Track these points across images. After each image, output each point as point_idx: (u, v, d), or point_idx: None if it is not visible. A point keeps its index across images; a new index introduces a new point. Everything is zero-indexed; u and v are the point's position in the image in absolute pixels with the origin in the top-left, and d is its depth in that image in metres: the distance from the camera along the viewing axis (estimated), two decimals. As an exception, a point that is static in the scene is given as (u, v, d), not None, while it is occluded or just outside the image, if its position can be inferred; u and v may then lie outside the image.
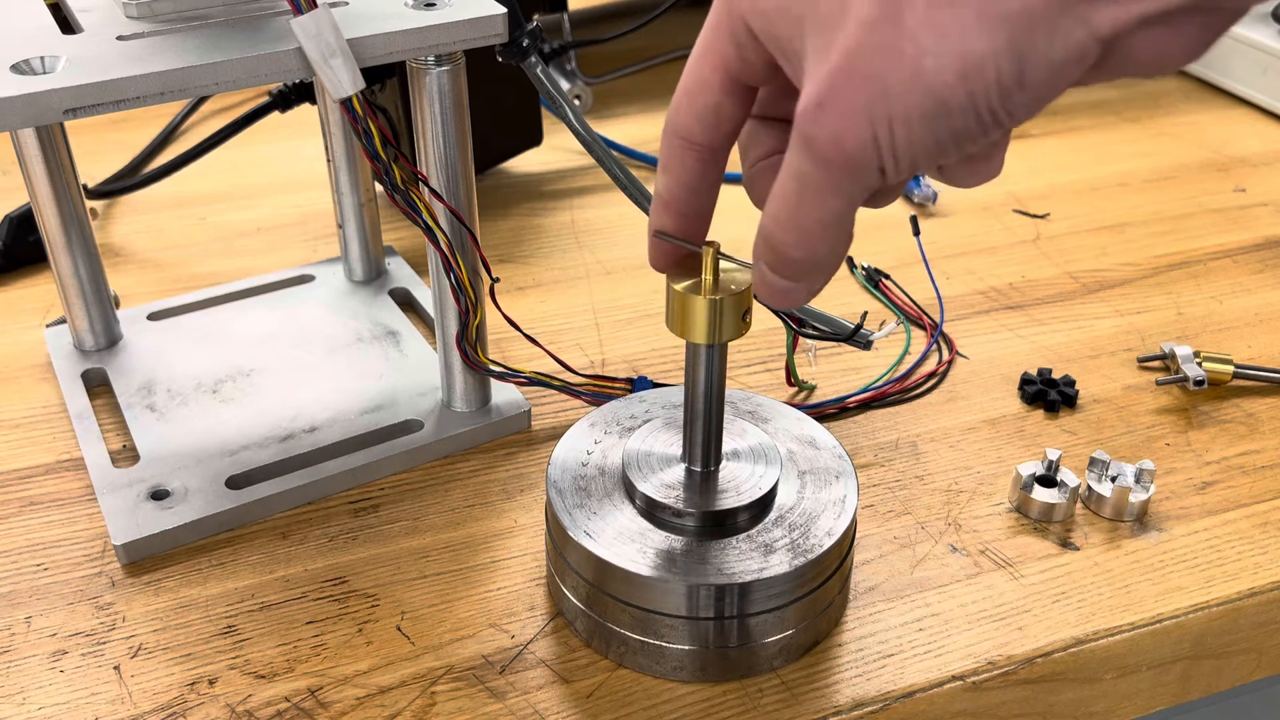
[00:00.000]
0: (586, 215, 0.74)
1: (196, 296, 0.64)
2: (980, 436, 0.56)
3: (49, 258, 0.57)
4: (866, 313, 0.57)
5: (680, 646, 0.43)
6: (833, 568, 0.44)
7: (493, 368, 0.54)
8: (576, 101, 0.83)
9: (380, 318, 0.62)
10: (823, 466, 0.46)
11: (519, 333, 0.55)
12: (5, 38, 0.43)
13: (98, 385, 0.58)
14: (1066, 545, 0.50)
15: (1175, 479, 0.53)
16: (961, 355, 0.61)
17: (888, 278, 0.66)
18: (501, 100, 0.73)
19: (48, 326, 0.61)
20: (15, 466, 0.54)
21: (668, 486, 0.44)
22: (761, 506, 0.44)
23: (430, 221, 0.48)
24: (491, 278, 0.52)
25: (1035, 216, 0.74)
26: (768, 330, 0.62)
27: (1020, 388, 0.58)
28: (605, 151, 0.56)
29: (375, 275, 0.66)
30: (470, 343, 0.53)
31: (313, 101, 0.72)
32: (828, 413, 0.57)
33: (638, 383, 0.56)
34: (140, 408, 0.56)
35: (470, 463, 0.54)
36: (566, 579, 0.45)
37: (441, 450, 0.54)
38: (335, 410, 0.56)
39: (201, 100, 0.85)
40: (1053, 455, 0.51)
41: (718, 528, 0.43)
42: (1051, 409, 0.57)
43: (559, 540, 0.45)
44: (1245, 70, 0.89)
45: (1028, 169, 0.80)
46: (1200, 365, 0.58)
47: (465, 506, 0.52)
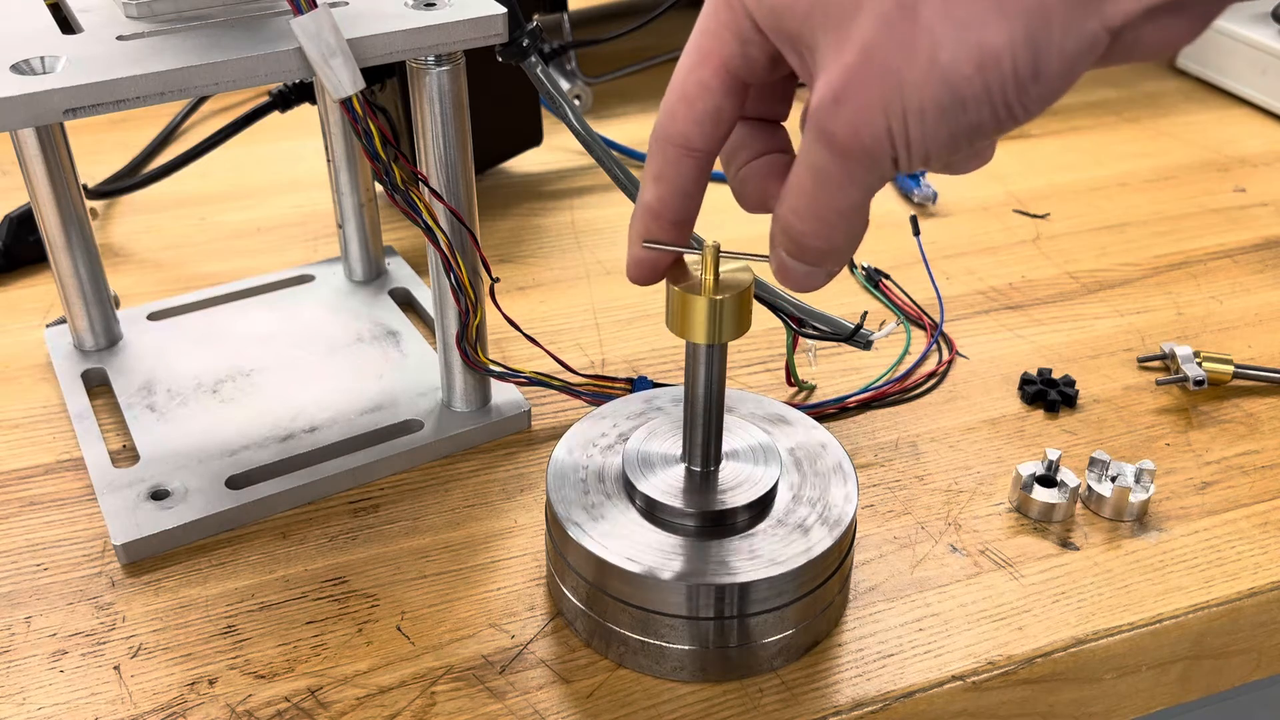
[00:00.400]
0: (586, 215, 0.74)
1: (196, 296, 0.64)
2: (980, 436, 0.56)
3: (49, 258, 0.57)
4: (866, 313, 0.57)
5: (680, 646, 0.43)
6: (833, 568, 0.44)
7: (493, 368, 0.54)
8: (576, 101, 0.83)
9: (380, 318, 0.62)
10: (823, 466, 0.46)
11: (519, 333, 0.55)
12: (5, 38, 0.43)
13: (98, 385, 0.58)
14: (1066, 545, 0.50)
15: (1175, 479, 0.53)
16: (961, 355, 0.61)
17: (888, 278, 0.66)
18: (501, 100, 0.73)
19: (48, 326, 0.61)
20: (15, 466, 0.54)
21: (668, 486, 0.44)
22: (761, 506, 0.44)
23: (430, 221, 0.48)
24: (491, 278, 0.52)
25: (1035, 216, 0.74)
26: (768, 330, 0.62)
27: (1020, 388, 0.58)
28: (605, 151, 0.56)
29: (375, 275, 0.66)
30: (470, 343, 0.53)
31: (313, 101, 0.72)
32: (828, 413, 0.57)
33: (638, 383, 0.56)
34: (140, 408, 0.56)
35: (470, 463, 0.54)
36: (566, 579, 0.45)
37: (441, 450, 0.54)
38: (335, 410, 0.56)
39: (201, 100, 0.85)
40: (1053, 455, 0.51)
41: (718, 528, 0.43)
42: (1051, 409, 0.57)
43: (559, 540, 0.45)
44: (1245, 70, 0.89)
45: (1028, 169, 0.80)
46: (1200, 365, 0.58)
47: (465, 506, 0.52)
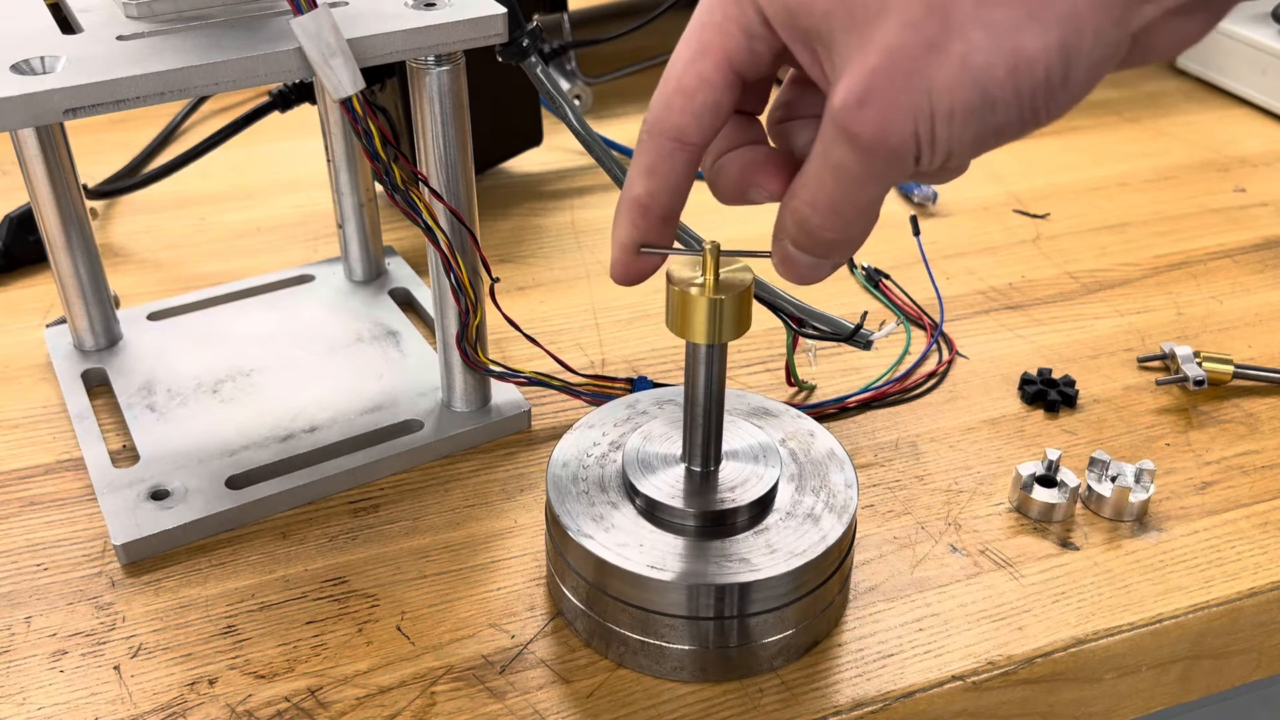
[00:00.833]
0: (586, 215, 0.74)
1: (196, 296, 0.64)
2: (980, 436, 0.56)
3: (49, 258, 0.57)
4: (866, 313, 0.57)
5: (680, 646, 0.43)
6: (833, 568, 0.44)
7: (493, 368, 0.54)
8: (576, 101, 0.83)
9: (380, 318, 0.62)
10: (822, 467, 0.46)
11: (519, 333, 0.55)
12: (5, 38, 0.43)
13: (98, 385, 0.58)
14: (1066, 545, 0.50)
15: (1175, 479, 0.53)
16: (961, 355, 0.61)
17: (888, 278, 0.66)
18: (501, 100, 0.73)
19: (48, 326, 0.61)
20: (15, 466, 0.54)
21: (668, 486, 0.44)
22: (761, 506, 0.44)
23: (430, 221, 0.48)
24: (491, 278, 0.52)
25: (1035, 216, 0.74)
26: (768, 330, 0.62)
27: (1020, 388, 0.58)
28: (605, 151, 0.56)
29: (375, 275, 0.66)
30: (470, 343, 0.53)
31: (313, 101, 0.72)
32: (828, 413, 0.57)
33: (638, 383, 0.56)
34: (140, 408, 0.56)
35: (470, 463, 0.54)
36: (566, 579, 0.45)
37: (441, 450, 0.54)
38: (335, 410, 0.56)
39: (201, 100, 0.85)
40: (1053, 455, 0.51)
41: (718, 528, 0.43)
42: (1051, 409, 0.57)
43: (559, 540, 0.45)
44: (1245, 70, 0.89)
45: (1028, 169, 0.80)
46: (1200, 365, 0.58)
47: (465, 506, 0.52)
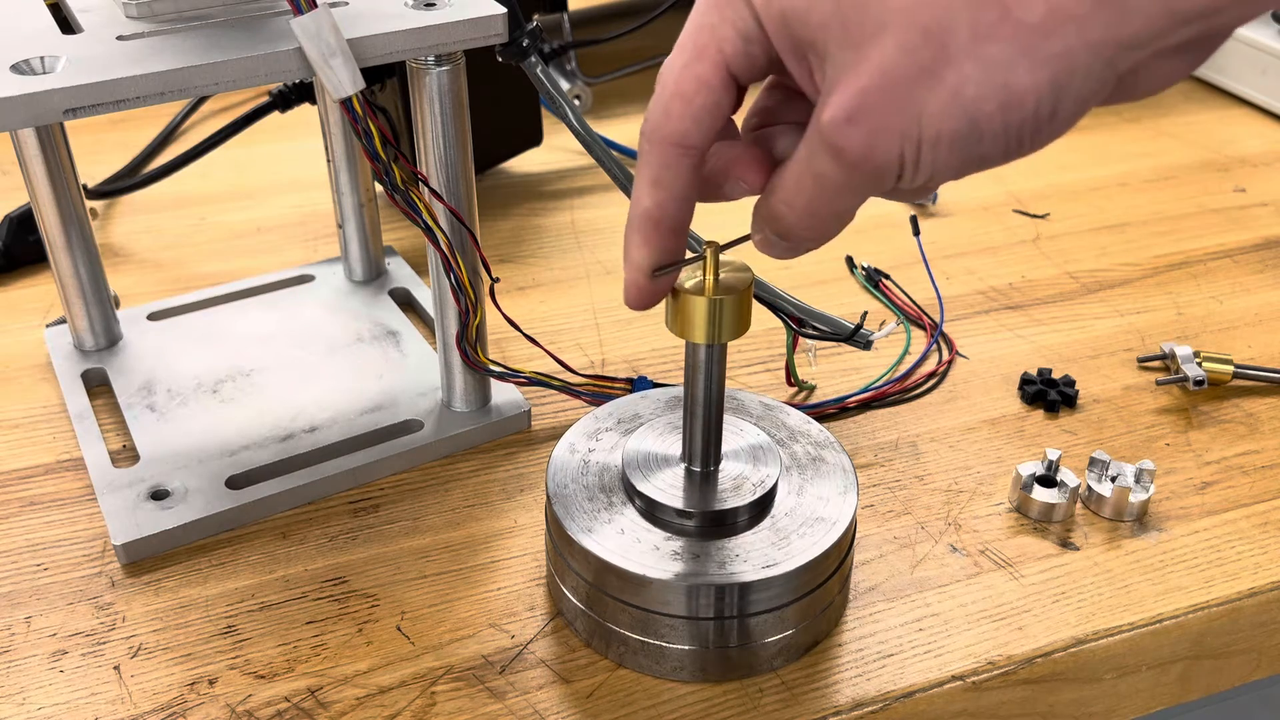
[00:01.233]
0: (586, 215, 0.74)
1: (196, 296, 0.64)
2: (980, 436, 0.56)
3: (49, 258, 0.57)
4: (866, 313, 0.57)
5: (680, 646, 0.43)
6: (833, 568, 0.44)
7: (493, 368, 0.54)
8: (576, 101, 0.83)
9: (380, 318, 0.62)
10: (822, 467, 0.46)
11: (519, 333, 0.55)
12: (5, 38, 0.43)
13: (98, 385, 0.58)
14: (1066, 545, 0.50)
15: (1175, 479, 0.53)
16: (961, 355, 0.61)
17: (888, 278, 0.66)
18: (501, 100, 0.73)
19: (48, 326, 0.61)
20: (15, 466, 0.54)
21: (668, 486, 0.44)
22: (761, 506, 0.44)
23: (430, 221, 0.48)
24: (491, 278, 0.52)
25: (1035, 216, 0.74)
26: (768, 330, 0.62)
27: (1020, 388, 0.58)
28: (605, 151, 0.56)
29: (375, 275, 0.66)
30: (470, 343, 0.53)
31: (313, 101, 0.72)
32: (828, 413, 0.57)
33: (638, 383, 0.56)
34: (140, 408, 0.56)
35: (470, 463, 0.54)
36: (566, 579, 0.45)
37: (441, 450, 0.54)
38: (335, 410, 0.56)
39: (201, 100, 0.85)
40: (1053, 455, 0.51)
41: (718, 528, 0.43)
42: (1051, 409, 0.57)
43: (559, 540, 0.45)
44: (1245, 70, 0.89)
45: (1028, 169, 0.79)
46: (1200, 365, 0.58)
47: (465, 506, 0.52)
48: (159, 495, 0.50)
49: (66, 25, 0.46)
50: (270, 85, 0.61)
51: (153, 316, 0.62)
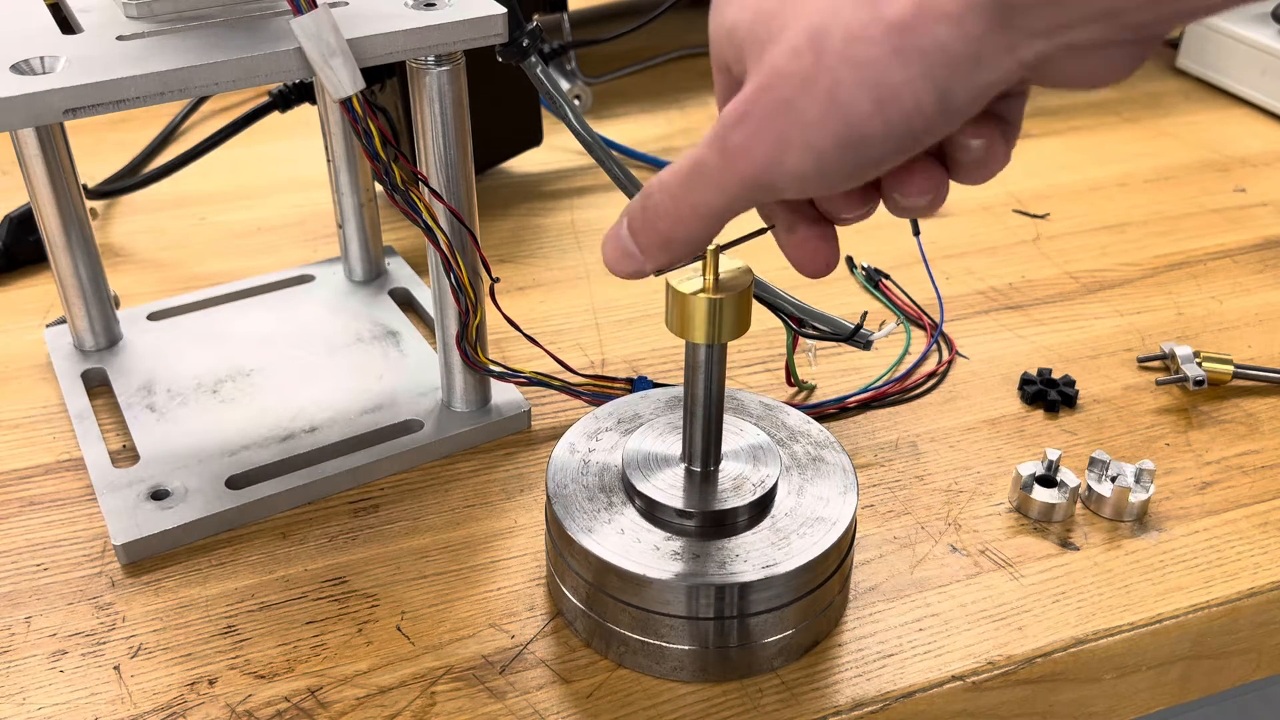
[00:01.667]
0: (586, 215, 0.74)
1: (196, 296, 0.64)
2: (980, 436, 0.56)
3: (49, 258, 0.57)
4: (866, 313, 0.57)
5: (680, 646, 0.43)
6: (833, 568, 0.44)
7: (493, 368, 0.54)
8: (576, 101, 0.83)
9: (380, 318, 0.62)
10: (822, 467, 0.46)
11: (519, 333, 0.55)
12: (5, 38, 0.43)
13: (98, 385, 0.58)
14: (1066, 545, 0.50)
15: (1175, 479, 0.53)
16: (961, 355, 0.61)
17: (888, 278, 0.66)
18: (501, 100, 0.73)
19: (48, 326, 0.61)
20: (15, 466, 0.54)
21: (668, 486, 0.44)
22: (761, 506, 0.44)
23: (430, 221, 0.48)
24: (491, 278, 0.52)
25: (1035, 216, 0.74)
26: (768, 330, 0.62)
27: (1020, 388, 0.58)
28: (605, 151, 0.56)
29: (375, 275, 0.66)
30: (470, 343, 0.53)
31: (313, 101, 0.72)
32: (828, 413, 0.57)
33: (638, 383, 0.56)
34: (140, 408, 0.56)
35: (470, 463, 0.54)
36: (566, 579, 0.45)
37: (441, 450, 0.54)
38: (335, 410, 0.56)
39: (201, 100, 0.85)
40: (1053, 455, 0.51)
41: (718, 528, 0.43)
42: (1051, 409, 0.57)
43: (559, 540, 0.45)
44: (1245, 70, 0.89)
45: (1028, 169, 0.80)
46: (1200, 365, 0.58)
47: (465, 506, 0.52)
48: (159, 495, 0.50)
49: (66, 25, 0.46)
50: (270, 85, 0.61)
51: (153, 316, 0.62)
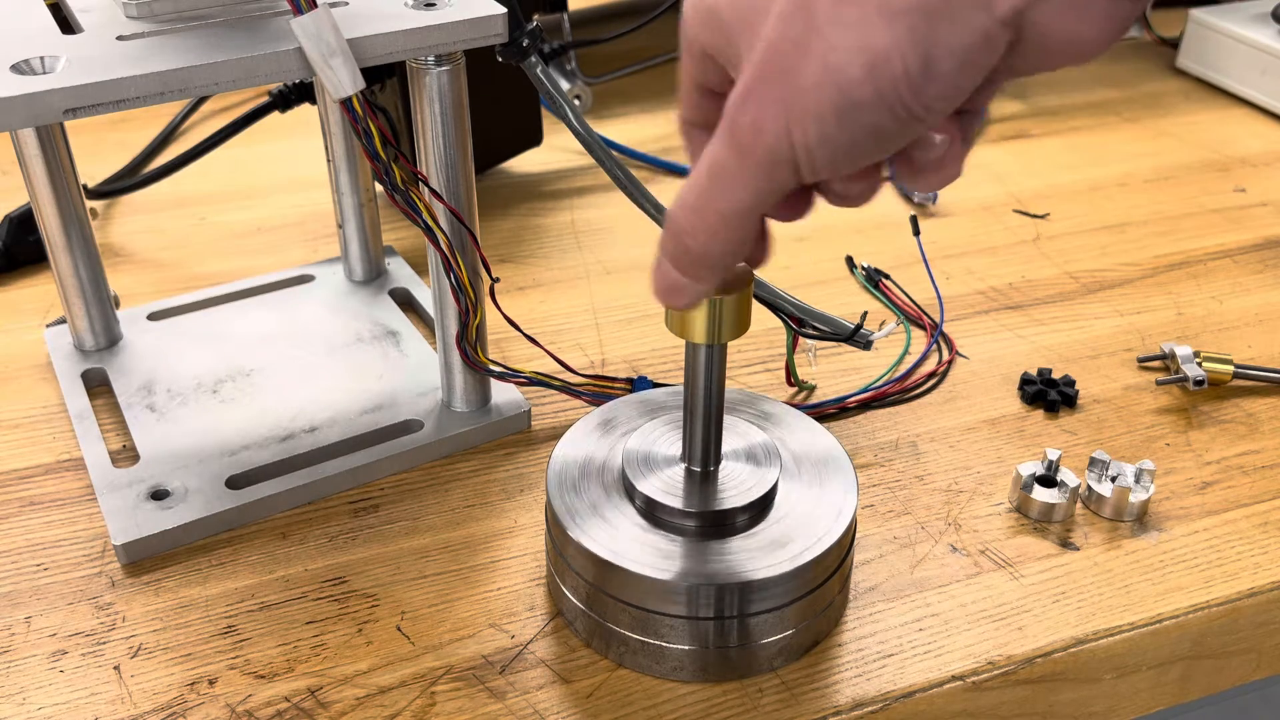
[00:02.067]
0: (586, 215, 0.74)
1: (196, 296, 0.64)
2: (980, 436, 0.56)
3: (49, 258, 0.57)
4: (866, 313, 0.57)
5: (680, 646, 0.43)
6: (833, 568, 0.44)
7: (493, 368, 0.54)
8: (576, 101, 0.83)
9: (380, 318, 0.62)
10: (823, 467, 0.46)
11: (519, 333, 0.55)
12: (5, 38, 0.43)
13: (98, 385, 0.58)
14: (1066, 545, 0.50)
15: (1175, 479, 0.53)
16: (961, 355, 0.61)
17: (888, 278, 0.66)
18: (501, 100, 0.73)
19: (48, 326, 0.61)
20: (15, 466, 0.54)
21: (668, 486, 0.44)
22: (761, 506, 0.44)
23: (430, 221, 0.48)
24: (491, 278, 0.52)
25: (1035, 216, 0.74)
26: (768, 330, 0.62)
27: (1020, 388, 0.58)
28: (605, 151, 0.56)
29: (375, 275, 0.66)
30: (470, 343, 0.53)
31: (313, 101, 0.72)
32: (828, 413, 0.57)
33: (638, 383, 0.56)
34: (140, 408, 0.56)
35: (470, 463, 0.54)
36: (566, 579, 0.45)
37: (441, 450, 0.54)
38: (335, 410, 0.56)
39: (201, 100, 0.85)
40: (1053, 455, 0.51)
41: (718, 528, 0.43)
42: (1051, 409, 0.57)
43: (559, 540, 0.45)
44: (1245, 70, 0.89)
45: (1028, 169, 0.80)
46: (1200, 365, 0.58)
47: (465, 506, 0.52)
48: (159, 495, 0.50)
49: (66, 25, 0.46)
50: (270, 85, 0.61)
51: (153, 316, 0.62)
